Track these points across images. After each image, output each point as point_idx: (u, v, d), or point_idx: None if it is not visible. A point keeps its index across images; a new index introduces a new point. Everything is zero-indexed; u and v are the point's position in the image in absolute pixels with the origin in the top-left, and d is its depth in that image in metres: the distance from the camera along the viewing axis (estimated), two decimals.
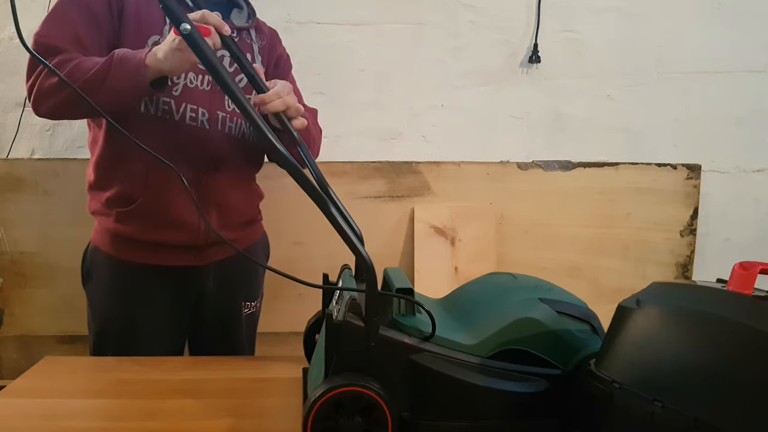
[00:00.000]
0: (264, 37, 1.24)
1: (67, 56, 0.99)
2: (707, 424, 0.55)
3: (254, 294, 1.31)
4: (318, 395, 0.65)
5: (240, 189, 1.21)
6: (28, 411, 0.83)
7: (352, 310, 0.69)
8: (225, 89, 0.79)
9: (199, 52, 0.81)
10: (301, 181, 0.73)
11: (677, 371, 0.60)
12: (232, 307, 1.26)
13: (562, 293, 0.84)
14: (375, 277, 0.70)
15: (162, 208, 1.10)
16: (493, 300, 0.82)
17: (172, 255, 1.14)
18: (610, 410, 0.64)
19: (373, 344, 0.69)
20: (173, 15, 0.81)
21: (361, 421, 0.67)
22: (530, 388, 0.71)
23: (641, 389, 0.61)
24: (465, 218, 1.73)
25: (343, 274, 0.88)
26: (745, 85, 1.80)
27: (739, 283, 0.60)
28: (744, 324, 0.56)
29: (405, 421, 0.70)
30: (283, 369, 0.99)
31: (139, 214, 1.10)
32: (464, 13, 1.73)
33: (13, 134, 1.66)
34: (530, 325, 0.74)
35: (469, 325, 0.78)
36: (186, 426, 0.80)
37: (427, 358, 0.70)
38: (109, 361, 1.04)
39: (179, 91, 1.09)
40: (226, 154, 1.15)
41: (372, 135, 1.75)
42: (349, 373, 0.68)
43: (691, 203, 1.79)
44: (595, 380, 0.66)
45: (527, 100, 1.77)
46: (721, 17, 1.77)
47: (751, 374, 0.55)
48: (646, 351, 0.64)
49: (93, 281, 1.18)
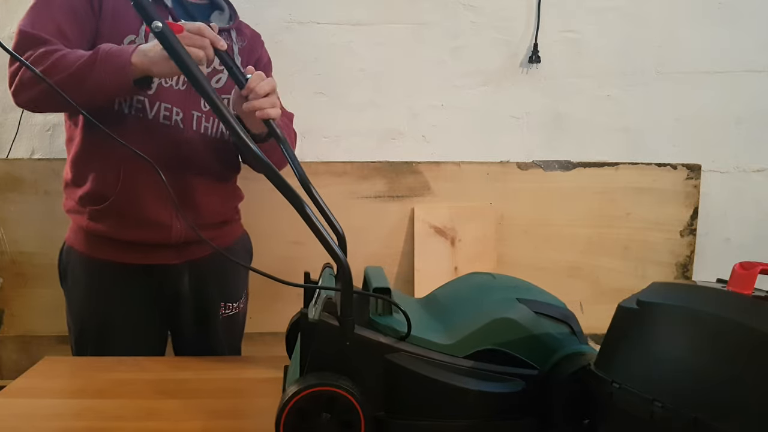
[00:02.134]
0: (245, 38, 1.24)
1: (51, 48, 0.98)
2: (706, 424, 0.55)
3: (233, 295, 1.29)
4: (291, 394, 0.65)
5: (216, 190, 1.20)
6: (28, 411, 0.83)
7: (328, 309, 0.69)
8: (198, 89, 0.78)
9: (171, 51, 0.80)
10: (275, 180, 0.72)
11: (677, 371, 0.59)
12: (209, 307, 1.24)
13: (540, 293, 0.83)
14: (350, 277, 0.69)
15: (134, 206, 1.10)
16: (472, 300, 0.82)
17: (145, 254, 1.13)
18: (610, 410, 0.64)
19: (348, 344, 0.68)
20: (145, 13, 0.80)
21: (334, 420, 0.66)
22: (507, 388, 0.71)
23: (641, 389, 0.61)
24: (465, 218, 1.73)
25: (324, 273, 0.87)
26: (745, 85, 1.80)
27: (739, 283, 0.60)
28: (743, 324, 0.56)
29: (380, 420, 0.70)
30: (282, 369, 0.99)
31: (112, 212, 1.10)
32: (464, 13, 1.73)
33: (13, 134, 1.66)
34: (507, 326, 0.74)
35: (447, 324, 0.78)
36: (186, 426, 0.80)
37: (402, 358, 0.70)
38: (109, 361, 1.04)
39: (153, 90, 1.08)
40: (201, 155, 1.14)
41: (372, 135, 1.75)
42: (324, 372, 0.67)
43: (691, 203, 1.79)
44: (595, 380, 0.66)
45: (527, 100, 1.77)
46: (721, 17, 1.77)
47: (750, 374, 0.54)
48: (645, 351, 0.64)
49: (69, 281, 1.19)
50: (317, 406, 0.66)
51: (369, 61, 1.72)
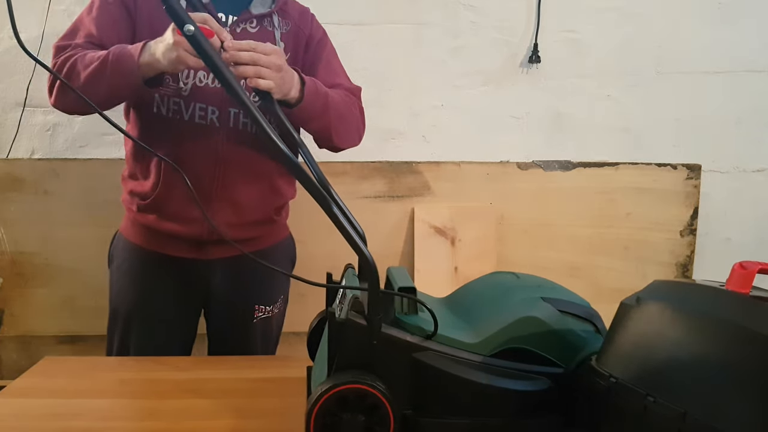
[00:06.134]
0: (289, 21, 1.20)
1: (70, 53, 1.03)
2: (695, 418, 0.56)
3: (270, 298, 1.27)
4: (321, 392, 0.66)
5: (254, 186, 1.18)
6: (28, 411, 0.83)
7: (355, 308, 0.70)
8: (229, 90, 0.79)
9: (202, 53, 0.82)
10: (305, 181, 0.73)
11: (670, 367, 0.60)
12: (243, 308, 1.24)
13: (564, 292, 0.84)
14: (377, 276, 0.70)
15: (172, 202, 1.14)
16: (496, 299, 0.82)
17: (177, 246, 1.17)
18: (608, 404, 0.65)
19: (376, 342, 0.69)
20: (177, 16, 0.82)
21: (363, 418, 0.67)
22: (533, 386, 0.72)
23: (636, 384, 0.62)
24: (465, 218, 1.73)
25: (347, 273, 0.88)
26: (745, 85, 1.80)
27: (736, 282, 0.61)
28: (734, 322, 0.57)
29: (407, 418, 0.70)
30: (284, 369, 1.00)
31: (154, 207, 1.15)
32: (464, 13, 1.73)
33: (13, 134, 1.66)
34: (533, 324, 0.74)
35: (472, 323, 0.78)
36: (186, 426, 0.80)
37: (429, 357, 0.71)
38: (109, 361, 1.04)
39: (188, 91, 1.10)
40: (238, 151, 1.15)
41: (372, 135, 1.75)
42: (352, 370, 0.68)
43: (691, 203, 1.79)
44: (595, 375, 0.67)
45: (527, 100, 1.77)
46: (721, 17, 1.77)
47: (738, 371, 0.55)
48: (642, 347, 0.65)
49: (113, 264, 1.25)
50: (347, 404, 0.67)
51: (369, 61, 1.71)
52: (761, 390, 0.53)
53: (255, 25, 1.15)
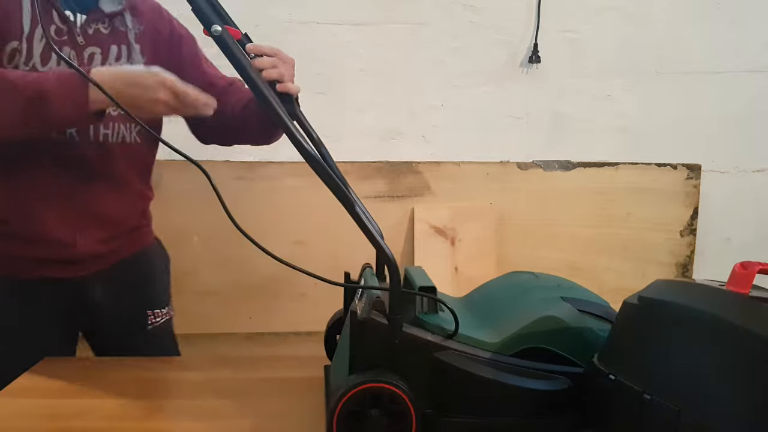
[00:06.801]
0: (143, 20, 1.08)
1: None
2: (689, 416, 0.56)
3: (161, 301, 1.21)
4: (344, 390, 0.66)
5: (121, 197, 1.11)
6: (28, 411, 0.83)
7: (376, 307, 0.70)
8: (258, 94, 0.78)
9: (229, 55, 0.79)
10: (329, 182, 0.73)
11: (666, 365, 0.61)
12: (135, 316, 1.17)
13: (583, 292, 0.84)
14: (399, 276, 0.71)
15: (34, 226, 1.04)
16: (515, 299, 0.83)
17: (48, 268, 1.07)
18: (608, 402, 0.66)
19: (397, 341, 0.70)
20: (204, 17, 0.80)
21: (385, 417, 0.67)
22: (553, 386, 0.72)
23: (634, 382, 0.63)
24: (465, 218, 1.73)
25: (365, 273, 0.88)
26: (745, 85, 1.80)
27: (736, 282, 0.61)
28: (731, 322, 0.57)
29: (427, 417, 0.71)
30: (284, 369, 0.99)
31: (13, 232, 1.05)
32: (464, 13, 1.73)
33: None
34: (553, 324, 0.74)
35: (492, 323, 0.79)
36: (186, 426, 0.80)
37: (450, 356, 0.71)
38: (109, 362, 1.04)
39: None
40: (101, 164, 1.06)
41: (372, 135, 1.75)
42: (374, 369, 0.69)
43: (691, 203, 1.79)
44: (596, 373, 0.68)
45: (527, 100, 1.77)
46: (721, 17, 1.77)
47: (737, 372, 0.56)
48: (642, 345, 0.65)
49: None
50: (368, 402, 0.67)
51: (369, 61, 1.71)
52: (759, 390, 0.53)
53: (107, 26, 1.04)
